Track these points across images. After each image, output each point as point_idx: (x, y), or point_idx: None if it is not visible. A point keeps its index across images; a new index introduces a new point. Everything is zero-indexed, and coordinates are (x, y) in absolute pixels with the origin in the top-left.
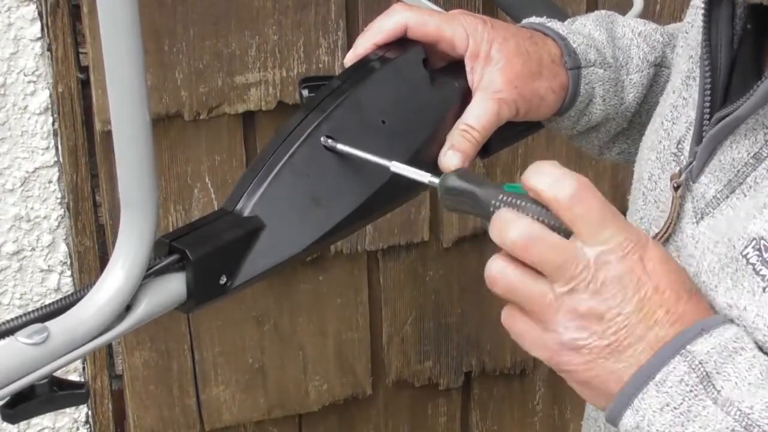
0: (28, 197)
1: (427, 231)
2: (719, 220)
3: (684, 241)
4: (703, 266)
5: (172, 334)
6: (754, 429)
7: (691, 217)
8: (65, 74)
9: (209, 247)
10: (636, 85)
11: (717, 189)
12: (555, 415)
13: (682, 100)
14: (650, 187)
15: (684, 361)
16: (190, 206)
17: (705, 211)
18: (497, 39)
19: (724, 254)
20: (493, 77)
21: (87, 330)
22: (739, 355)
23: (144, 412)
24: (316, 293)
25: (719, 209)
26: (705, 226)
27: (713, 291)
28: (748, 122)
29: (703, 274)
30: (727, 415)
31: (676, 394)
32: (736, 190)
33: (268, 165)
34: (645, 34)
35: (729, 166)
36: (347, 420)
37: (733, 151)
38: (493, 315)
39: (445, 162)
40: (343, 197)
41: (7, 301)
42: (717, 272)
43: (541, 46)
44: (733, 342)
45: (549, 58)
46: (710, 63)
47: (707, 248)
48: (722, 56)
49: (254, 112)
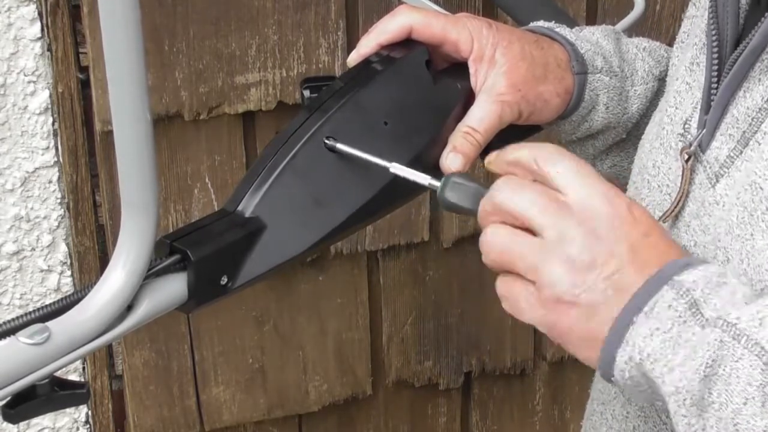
0: (28, 197)
1: (427, 231)
2: (736, 176)
3: (703, 209)
4: (732, 221)
5: (172, 334)
6: (742, 338)
7: (706, 183)
8: (65, 74)
9: (211, 247)
10: (640, 96)
11: (730, 147)
12: (555, 415)
13: (686, 85)
14: (654, 173)
15: (671, 288)
16: (190, 206)
17: (720, 173)
18: (502, 42)
19: (750, 200)
20: (496, 80)
21: (88, 330)
22: (723, 287)
23: (144, 412)
24: (316, 293)
25: (734, 166)
26: (722, 186)
27: (750, 240)
28: (762, 59)
29: (736, 228)
30: (715, 328)
31: (666, 318)
32: (750, 142)
33: (270, 166)
34: (650, 49)
35: (743, 116)
36: (347, 420)
37: (747, 101)
38: (493, 315)
39: (447, 164)
40: (345, 198)
41: (7, 301)
42: (748, 221)
43: (547, 50)
44: (717, 276)
45: (555, 62)
46: (717, 34)
47: (732, 203)
48: (729, 29)
49: (254, 112)
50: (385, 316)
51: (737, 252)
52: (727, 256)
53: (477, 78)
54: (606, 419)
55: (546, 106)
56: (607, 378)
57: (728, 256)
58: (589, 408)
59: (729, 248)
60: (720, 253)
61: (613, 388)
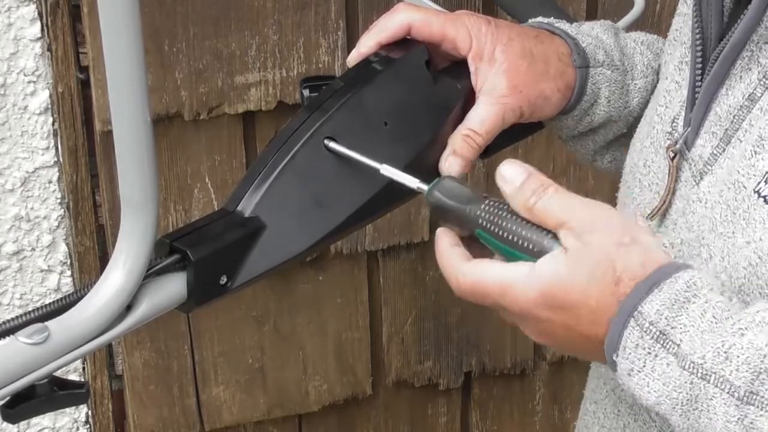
0: (28, 197)
1: (427, 231)
2: (718, 174)
3: (688, 207)
4: (716, 219)
5: (172, 333)
6: (710, 377)
7: (690, 181)
8: (65, 74)
9: (210, 247)
10: (641, 90)
11: (713, 145)
12: (555, 415)
13: (675, 84)
14: (645, 172)
15: (636, 325)
16: (190, 206)
17: (704, 170)
18: (501, 40)
19: (732, 198)
20: (497, 81)
21: (87, 330)
22: (691, 303)
23: (144, 412)
24: (316, 293)
25: (717, 164)
26: (706, 184)
27: (731, 237)
28: (743, 57)
29: (719, 226)
30: (683, 371)
31: (636, 358)
32: (732, 139)
33: (269, 166)
34: (648, 42)
35: (725, 114)
36: (347, 420)
37: (729, 98)
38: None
39: (447, 168)
40: (345, 198)
41: (7, 301)
42: (730, 219)
43: (548, 45)
44: (684, 292)
45: (556, 57)
46: (701, 32)
47: (715, 201)
48: (713, 27)
49: (254, 112)
50: (385, 316)
51: (719, 249)
52: (710, 254)
53: (477, 77)
54: (598, 418)
55: (547, 103)
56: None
57: (711, 254)
58: (582, 408)
59: (712, 245)
60: (704, 250)
61: (605, 387)
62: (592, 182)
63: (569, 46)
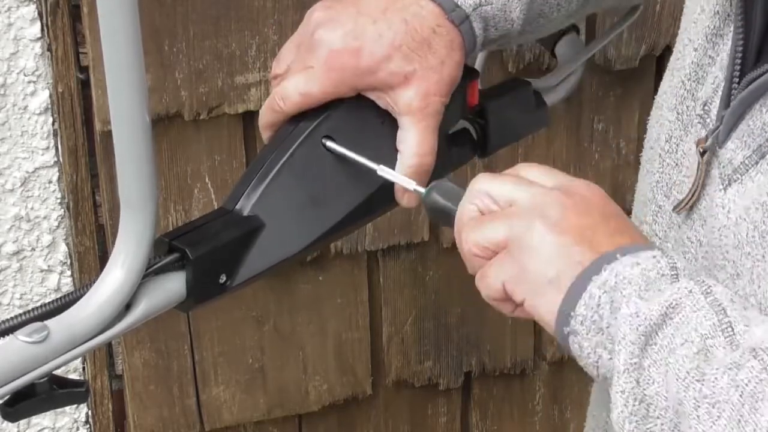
0: (28, 197)
1: (427, 231)
2: (749, 186)
3: (713, 210)
4: (742, 236)
5: (172, 333)
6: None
7: (718, 183)
8: (65, 74)
9: (209, 246)
10: None
11: (745, 155)
12: (555, 415)
13: (708, 58)
14: (668, 149)
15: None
16: (190, 206)
17: (732, 177)
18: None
19: (761, 221)
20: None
21: (86, 328)
22: None
23: (144, 412)
24: (316, 293)
25: (748, 175)
26: (733, 193)
27: (761, 261)
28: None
29: (746, 245)
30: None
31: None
32: (767, 156)
33: (267, 165)
34: None
35: (759, 131)
36: (347, 420)
37: (764, 115)
38: (493, 315)
39: (406, 203)
40: (343, 197)
41: (7, 301)
42: (759, 241)
43: (421, 23)
44: None
45: (431, 31)
46: (744, 21)
47: (740, 216)
48: (757, 14)
49: (254, 112)
50: (385, 316)
51: (748, 270)
52: (737, 271)
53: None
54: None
55: (457, 75)
56: (565, 319)
57: (738, 272)
58: (588, 414)
59: (738, 263)
60: (729, 265)
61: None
62: (593, 182)
63: (440, 5)
